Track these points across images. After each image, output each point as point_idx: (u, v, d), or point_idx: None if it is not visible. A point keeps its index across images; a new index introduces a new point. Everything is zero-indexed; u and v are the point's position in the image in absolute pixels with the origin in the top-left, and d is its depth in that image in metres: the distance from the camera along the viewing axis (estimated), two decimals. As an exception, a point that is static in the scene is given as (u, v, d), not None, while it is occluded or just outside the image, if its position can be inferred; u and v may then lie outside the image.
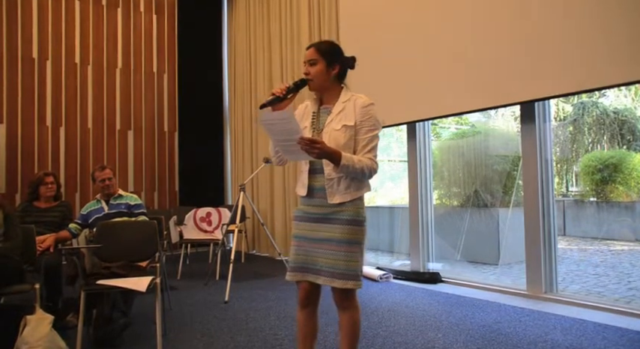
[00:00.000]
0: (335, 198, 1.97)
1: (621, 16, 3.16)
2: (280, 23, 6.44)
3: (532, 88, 3.67)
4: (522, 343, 2.83)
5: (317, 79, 2.03)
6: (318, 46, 2.07)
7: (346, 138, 1.96)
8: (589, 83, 3.43)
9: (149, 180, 7.06)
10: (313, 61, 2.03)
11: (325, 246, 1.98)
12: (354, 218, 1.97)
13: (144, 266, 3.24)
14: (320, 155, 1.84)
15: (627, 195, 8.79)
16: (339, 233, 1.96)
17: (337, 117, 2.00)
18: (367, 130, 1.98)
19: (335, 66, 2.06)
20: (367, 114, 1.99)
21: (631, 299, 4.47)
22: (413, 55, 4.57)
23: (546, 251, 3.88)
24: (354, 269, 1.96)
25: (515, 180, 6.66)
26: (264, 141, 6.74)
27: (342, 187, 1.97)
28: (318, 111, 2.10)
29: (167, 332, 3.08)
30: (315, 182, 2.04)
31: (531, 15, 3.66)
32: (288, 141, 1.87)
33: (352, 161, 1.88)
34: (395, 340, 2.93)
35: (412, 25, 4.61)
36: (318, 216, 2.02)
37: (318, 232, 2.01)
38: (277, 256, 5.15)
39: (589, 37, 3.31)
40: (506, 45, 3.82)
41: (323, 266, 1.98)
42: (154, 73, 7.18)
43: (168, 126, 7.26)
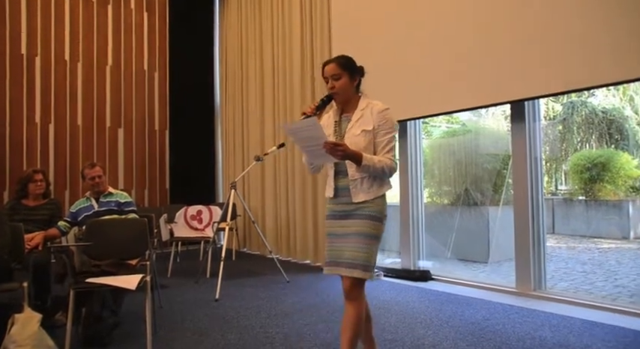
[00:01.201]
0: (359, 197, 2.14)
1: (609, 19, 3.19)
2: (272, 21, 6.43)
3: (522, 88, 3.70)
4: (511, 340, 2.85)
5: (343, 92, 2.22)
6: (338, 60, 2.25)
7: (366, 141, 2.13)
8: (578, 83, 3.46)
9: (139, 177, 7.03)
10: (337, 75, 2.20)
11: (349, 239, 2.13)
12: (375, 214, 2.13)
13: (134, 264, 3.22)
14: (343, 156, 2.03)
15: (615, 194, 8.89)
16: (359, 226, 2.12)
17: (357, 124, 2.18)
18: (385, 133, 2.15)
19: (356, 77, 2.25)
20: (384, 118, 2.16)
21: (617, 296, 4.53)
22: (404, 54, 4.58)
23: (535, 249, 3.92)
24: (370, 261, 2.10)
25: (505, 178, 6.71)
26: (255, 139, 6.73)
27: (365, 186, 2.14)
28: (340, 120, 2.27)
29: (157, 331, 3.07)
30: (340, 183, 2.21)
31: (522, 16, 3.69)
32: (314, 146, 2.05)
33: (373, 161, 2.06)
34: (385, 337, 2.94)
35: (403, 25, 4.62)
36: (343, 213, 2.19)
37: (344, 228, 2.17)
38: (268, 254, 5.15)
39: (578, 37, 3.34)
40: (497, 45, 3.84)
41: (346, 259, 2.12)
42: (145, 70, 7.13)
43: (158, 124, 7.22)
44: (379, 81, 4.79)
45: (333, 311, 3.56)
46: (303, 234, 5.77)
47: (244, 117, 7.02)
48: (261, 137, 6.62)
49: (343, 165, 2.17)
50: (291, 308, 3.67)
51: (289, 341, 2.92)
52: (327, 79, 2.23)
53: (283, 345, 2.84)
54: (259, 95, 6.68)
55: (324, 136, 2.02)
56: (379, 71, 4.80)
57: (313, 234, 5.63)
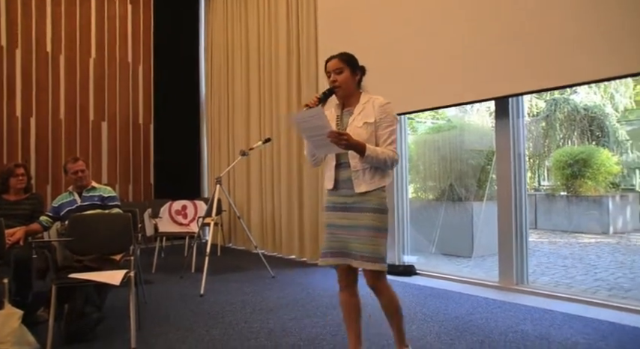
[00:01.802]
0: (361, 187, 2.19)
1: (591, 19, 3.24)
2: (258, 16, 6.38)
3: (506, 84, 3.74)
4: (494, 333, 2.90)
5: (344, 85, 2.28)
6: (341, 56, 2.33)
7: (368, 133, 2.20)
8: (560, 80, 3.51)
9: (123, 172, 6.95)
10: (339, 69, 2.28)
11: (355, 232, 2.20)
12: (379, 207, 2.21)
13: (118, 259, 3.20)
14: (347, 146, 2.09)
15: (595, 190, 9.05)
16: (366, 220, 2.18)
17: (359, 117, 2.25)
18: (386, 126, 2.23)
19: (357, 72, 2.33)
20: (385, 111, 2.24)
21: (597, 289, 4.62)
22: (389, 51, 4.59)
23: (518, 244, 3.97)
24: (380, 253, 2.19)
25: (489, 174, 6.78)
26: (240, 134, 6.70)
27: (367, 177, 2.20)
28: (342, 114, 2.34)
29: (141, 326, 3.05)
30: (341, 175, 2.26)
31: (506, 14, 3.72)
32: (318, 136, 2.11)
33: (376, 152, 2.13)
34: (369, 332, 2.96)
35: (389, 21, 4.62)
36: (344, 205, 2.25)
37: (346, 219, 2.24)
38: (253, 249, 5.14)
39: (561, 36, 3.38)
40: (482, 42, 3.87)
41: (355, 251, 2.20)
42: (129, 63, 7.04)
43: (143, 118, 7.15)
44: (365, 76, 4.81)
45: (318, 306, 3.57)
46: (289, 229, 5.78)
47: (230, 111, 6.97)
48: (246, 132, 6.60)
49: (345, 157, 2.22)
50: (276, 303, 3.68)
51: (274, 336, 2.92)
52: (330, 74, 2.31)
53: (268, 340, 2.85)
54: (245, 89, 6.64)
55: (329, 126, 2.08)
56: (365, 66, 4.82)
57: (299, 230, 5.63)
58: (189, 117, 7.68)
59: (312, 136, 2.17)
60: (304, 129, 2.19)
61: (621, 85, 9.99)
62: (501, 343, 2.74)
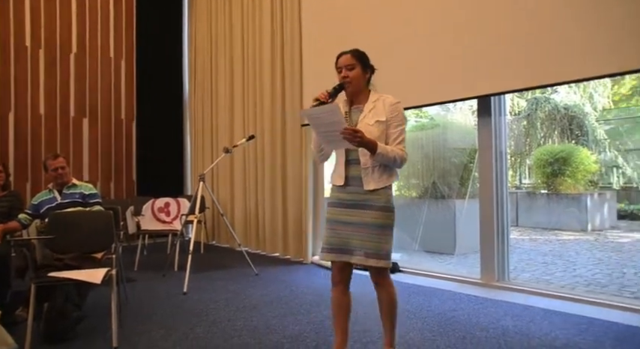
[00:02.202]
0: (370, 185, 2.23)
1: (572, 19, 3.29)
2: (242, 11, 6.34)
3: (488, 83, 3.78)
4: (475, 329, 2.93)
5: (355, 81, 2.30)
6: (353, 52, 2.34)
7: (379, 131, 2.23)
8: (542, 79, 3.56)
9: (105, 169, 6.86)
10: (351, 65, 2.30)
11: (360, 229, 2.24)
12: (386, 205, 2.25)
13: (99, 257, 3.16)
14: (360, 143, 2.11)
15: (575, 188, 9.21)
16: (373, 218, 2.22)
17: (370, 114, 2.27)
18: (397, 125, 2.26)
19: (367, 70, 2.35)
20: (395, 110, 2.27)
21: (575, 285, 4.71)
22: (372, 49, 4.58)
23: (499, 241, 4.03)
24: (385, 250, 2.23)
25: (472, 172, 6.86)
26: (224, 131, 6.66)
27: (376, 175, 2.24)
28: (350, 111, 2.35)
29: (123, 325, 3.03)
30: (350, 172, 2.29)
31: (488, 13, 3.76)
32: (331, 132, 2.13)
33: (386, 150, 2.17)
34: (353, 329, 2.97)
35: (372, 20, 4.64)
36: (352, 202, 2.27)
37: (352, 216, 2.26)
38: (237, 247, 5.12)
39: (543, 36, 3.43)
40: (465, 42, 3.90)
41: (357, 247, 2.24)
42: (111, 58, 6.94)
43: (125, 114, 7.05)
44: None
45: (301, 304, 3.58)
46: (273, 227, 5.77)
47: (213, 108, 6.93)
48: (230, 129, 6.56)
49: (355, 154, 2.25)
50: (260, 301, 3.68)
51: (257, 333, 2.92)
52: (341, 69, 2.32)
53: (251, 338, 2.84)
54: (229, 86, 6.60)
55: (344, 122, 2.10)
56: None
57: (282, 227, 5.63)
58: (172, 114, 7.61)
59: (325, 132, 2.19)
60: (317, 125, 2.22)
61: (600, 85, 10.18)
62: (483, 339, 2.77)
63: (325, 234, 2.36)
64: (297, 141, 5.43)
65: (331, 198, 2.37)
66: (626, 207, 10.16)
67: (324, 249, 2.34)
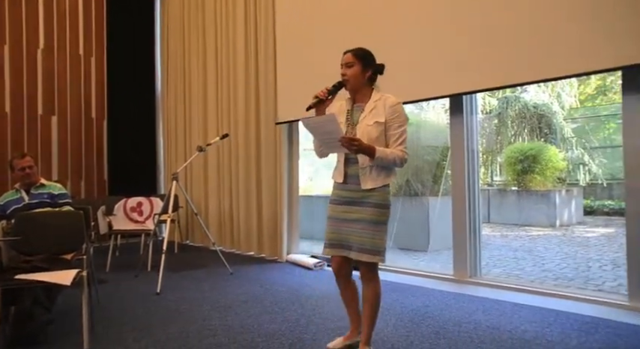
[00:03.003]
0: (367, 184, 2.30)
1: (540, 20, 3.37)
2: (215, 7, 6.27)
3: (460, 82, 3.85)
4: (448, 324, 2.99)
5: (353, 80, 2.35)
6: (355, 51, 2.40)
7: (377, 132, 2.29)
8: (512, 79, 3.65)
9: (75, 168, 6.71)
10: (350, 63, 2.36)
11: (356, 225, 2.32)
12: (381, 202, 2.32)
13: (69, 258, 3.09)
14: (358, 151, 2.21)
15: (544, 185, 9.46)
16: (368, 214, 2.30)
17: (370, 115, 2.33)
18: (397, 126, 2.32)
19: (368, 69, 2.38)
20: (396, 112, 2.32)
21: (544, 280, 4.84)
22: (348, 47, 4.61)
23: (472, 237, 4.10)
24: (379, 246, 2.31)
25: (444, 170, 6.97)
26: (197, 129, 6.59)
27: (374, 174, 2.31)
28: (352, 109, 2.42)
29: (95, 327, 2.97)
30: (349, 170, 2.37)
31: (460, 14, 3.82)
32: (330, 139, 2.23)
33: (385, 153, 2.24)
34: (328, 326, 3.00)
35: (345, 22, 4.65)
36: (350, 200, 2.36)
37: (350, 213, 2.35)
38: (211, 246, 5.08)
39: (513, 36, 3.51)
40: (438, 41, 3.96)
41: (354, 243, 2.33)
42: (81, 55, 6.78)
43: (96, 112, 6.91)
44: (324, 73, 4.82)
45: (277, 302, 3.58)
46: (247, 226, 5.74)
47: (187, 106, 6.84)
48: (204, 127, 6.50)
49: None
50: (235, 300, 3.66)
51: (232, 332, 2.91)
52: (342, 66, 2.38)
53: (226, 337, 2.83)
54: (202, 83, 6.53)
55: (341, 131, 2.20)
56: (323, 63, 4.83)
57: (257, 226, 5.61)
58: (144, 112, 7.49)
59: (325, 139, 2.29)
60: (316, 133, 2.30)
61: (567, 84, 10.47)
62: (455, 333, 2.83)
63: (326, 230, 2.44)
64: (271, 140, 5.41)
65: (332, 195, 2.45)
66: (591, 203, 10.49)
67: (325, 245, 2.44)
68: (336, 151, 2.37)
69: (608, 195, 10.57)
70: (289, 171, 5.43)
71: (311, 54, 4.97)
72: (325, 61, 4.85)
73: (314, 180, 8.77)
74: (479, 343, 2.66)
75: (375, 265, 2.37)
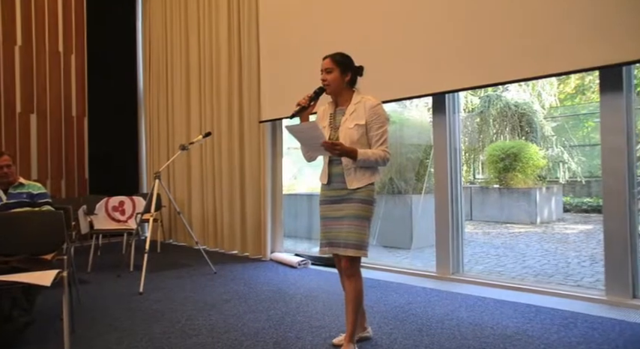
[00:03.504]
0: (353, 184, 2.40)
1: (520, 20, 3.42)
2: (198, 5, 6.22)
3: (443, 81, 3.88)
4: (431, 321, 3.02)
5: (333, 84, 2.45)
6: (333, 56, 2.48)
7: (359, 134, 2.39)
8: (493, 78, 3.69)
9: (55, 167, 6.60)
10: (330, 69, 2.45)
11: (343, 222, 2.42)
12: (366, 198, 2.41)
13: (49, 259, 3.04)
14: (340, 154, 2.31)
15: (525, 182, 9.59)
16: (353, 210, 2.39)
17: (350, 117, 2.43)
18: (378, 127, 2.40)
19: (347, 73, 2.47)
20: (375, 113, 2.41)
21: (525, 276, 4.91)
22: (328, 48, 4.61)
23: (454, 235, 4.15)
24: (363, 241, 2.40)
25: (427, 168, 7.02)
26: (180, 128, 6.54)
27: (358, 175, 2.40)
28: (335, 112, 2.52)
29: (76, 329, 2.93)
30: (333, 170, 2.46)
31: (442, 14, 3.85)
32: (314, 144, 2.34)
33: (367, 154, 2.33)
34: (312, 324, 3.00)
35: (329, 19, 4.66)
36: (336, 198, 2.45)
37: (337, 211, 2.45)
38: (195, 245, 5.05)
39: (495, 36, 3.55)
40: (421, 40, 3.98)
41: (341, 239, 2.41)
42: (60, 52, 6.67)
43: (76, 110, 6.80)
44: (306, 71, 4.83)
45: (260, 301, 3.57)
46: (231, 225, 5.72)
47: (169, 104, 6.78)
48: (187, 125, 6.44)
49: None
50: (219, 299, 3.65)
51: (216, 332, 2.90)
52: (322, 72, 2.47)
53: (210, 337, 2.82)
54: (185, 81, 6.48)
55: (323, 136, 2.30)
56: (306, 62, 4.84)
57: (241, 225, 5.59)
58: (126, 110, 7.40)
59: (308, 144, 2.41)
60: (301, 138, 2.39)
61: (547, 83, 10.63)
62: (438, 330, 2.86)
63: (320, 230, 2.54)
64: (255, 138, 5.40)
65: (320, 196, 2.55)
66: (571, 200, 10.67)
67: (321, 244, 2.53)
68: (320, 154, 2.47)
69: (586, 192, 10.76)
70: (273, 170, 5.42)
71: (294, 52, 4.96)
72: (308, 59, 4.84)
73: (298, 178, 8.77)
74: (461, 339, 2.69)
75: (358, 260, 2.45)
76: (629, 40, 2.95)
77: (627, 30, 2.96)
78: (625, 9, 2.97)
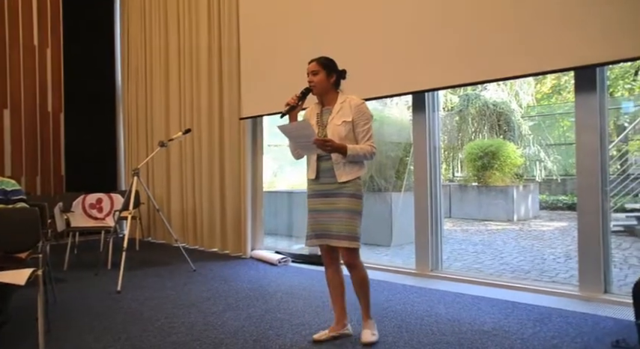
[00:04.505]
0: (342, 177, 2.55)
1: (499, 20, 3.47)
2: (178, 1, 6.15)
3: (423, 79, 3.91)
4: (410, 318, 3.05)
5: (319, 85, 2.61)
6: (318, 60, 2.65)
7: (346, 130, 2.55)
8: (472, 77, 3.74)
9: (30, 164, 6.45)
10: (315, 71, 2.61)
11: (334, 214, 2.55)
12: (355, 193, 2.57)
13: (23, 257, 2.98)
14: (331, 150, 2.47)
15: (502, 180, 9.75)
16: (344, 204, 2.54)
17: (337, 115, 2.59)
18: (363, 124, 2.58)
19: (332, 75, 2.64)
20: (360, 111, 2.58)
21: (502, 273, 5.00)
22: (309, 46, 4.62)
23: (433, 232, 4.19)
24: (355, 233, 2.55)
25: (407, 166, 7.08)
26: (159, 124, 6.46)
27: (347, 169, 2.55)
28: (321, 112, 2.68)
29: (51, 328, 2.88)
30: (322, 165, 2.60)
31: (422, 13, 3.88)
32: (305, 142, 2.50)
33: (355, 150, 2.50)
34: (292, 322, 3.01)
35: (309, 17, 4.65)
36: (326, 192, 2.59)
37: (327, 204, 2.58)
38: (174, 243, 5.00)
39: (472, 35, 3.59)
40: (401, 39, 4.01)
41: (333, 231, 2.55)
42: (35, 46, 6.52)
43: (52, 106, 6.66)
44: (288, 69, 4.82)
45: (241, 299, 3.56)
46: (211, 222, 5.68)
47: (148, 100, 6.69)
48: (166, 122, 6.37)
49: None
50: (198, 297, 3.62)
51: (195, 330, 2.88)
52: (309, 74, 2.62)
53: (189, 335, 2.80)
54: (164, 77, 6.39)
55: (314, 134, 2.45)
56: (288, 60, 4.83)
57: (221, 222, 5.56)
58: (104, 106, 7.28)
59: (299, 142, 2.56)
60: (292, 137, 2.56)
61: (524, 83, 10.81)
62: (417, 326, 2.89)
63: (308, 223, 2.67)
64: (235, 135, 5.37)
65: (308, 190, 2.68)
66: (547, 198, 10.89)
67: (308, 237, 2.66)
68: (311, 152, 2.60)
69: (562, 190, 10.99)
70: (253, 167, 5.39)
71: (275, 49, 4.95)
72: (288, 57, 4.84)
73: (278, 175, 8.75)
74: (440, 335, 2.73)
75: (356, 251, 2.59)
76: (603, 42, 3.02)
77: (601, 32, 3.02)
78: (599, 12, 3.04)
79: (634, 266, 5.20)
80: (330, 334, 2.69)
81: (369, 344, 2.59)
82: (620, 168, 8.46)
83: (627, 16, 2.94)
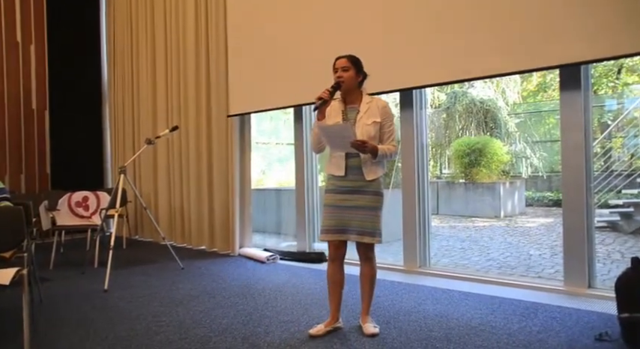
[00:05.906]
0: (370, 176, 2.66)
1: (486, 19, 3.49)
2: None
3: (410, 77, 3.93)
4: (399, 314, 3.07)
5: (348, 82, 2.67)
6: (349, 57, 2.72)
7: (375, 131, 2.65)
8: (459, 74, 3.76)
9: (14, 162, 6.36)
10: (346, 67, 2.68)
11: (357, 211, 2.65)
12: (378, 190, 2.70)
13: (8, 257, 2.95)
14: (367, 151, 2.57)
15: (489, 177, 9.84)
16: (368, 201, 2.66)
17: (366, 115, 2.68)
18: (389, 125, 2.71)
19: (360, 74, 2.73)
20: (387, 113, 2.71)
21: (489, 268, 5.05)
22: (296, 43, 4.62)
23: (421, 229, 4.22)
24: (378, 229, 2.68)
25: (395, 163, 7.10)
26: (146, 121, 6.40)
27: (374, 167, 2.67)
28: (346, 109, 2.74)
29: (37, 328, 2.85)
30: (351, 163, 2.68)
31: (410, 11, 3.89)
32: (339, 141, 2.60)
33: (384, 150, 2.63)
34: (281, 319, 3.01)
35: (296, 14, 4.64)
36: (350, 189, 2.67)
37: (351, 201, 2.67)
38: (162, 241, 4.97)
39: (459, 33, 3.61)
40: (388, 37, 4.02)
41: (355, 227, 2.66)
42: (18, 42, 6.42)
43: (36, 103, 6.57)
44: (276, 65, 4.81)
45: (229, 297, 3.55)
46: (199, 220, 5.65)
47: (135, 97, 6.62)
48: (153, 119, 6.31)
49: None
50: (186, 295, 3.61)
51: (183, 328, 2.87)
52: (337, 70, 2.68)
53: (177, 333, 2.79)
54: (151, 74, 6.33)
55: (354, 137, 2.53)
56: (276, 56, 4.82)
57: (209, 220, 5.53)
58: (90, 103, 7.19)
59: (335, 141, 2.63)
60: (330, 136, 2.64)
61: (511, 81, 10.91)
62: (405, 323, 2.91)
63: (324, 217, 2.74)
64: (222, 133, 5.34)
65: (329, 186, 2.74)
66: (533, 195, 11.02)
67: (323, 231, 2.72)
68: (341, 151, 2.67)
69: (547, 187, 11.13)
70: (241, 164, 5.37)
71: (262, 46, 4.93)
72: (276, 54, 4.83)
73: (266, 173, 8.73)
74: (428, 331, 2.75)
75: (374, 246, 2.74)
76: (587, 41, 3.06)
77: (586, 32, 3.06)
78: (583, 12, 3.08)
79: (617, 261, 5.29)
80: (326, 328, 2.74)
81: (374, 335, 2.69)
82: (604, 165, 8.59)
83: (611, 15, 2.98)
